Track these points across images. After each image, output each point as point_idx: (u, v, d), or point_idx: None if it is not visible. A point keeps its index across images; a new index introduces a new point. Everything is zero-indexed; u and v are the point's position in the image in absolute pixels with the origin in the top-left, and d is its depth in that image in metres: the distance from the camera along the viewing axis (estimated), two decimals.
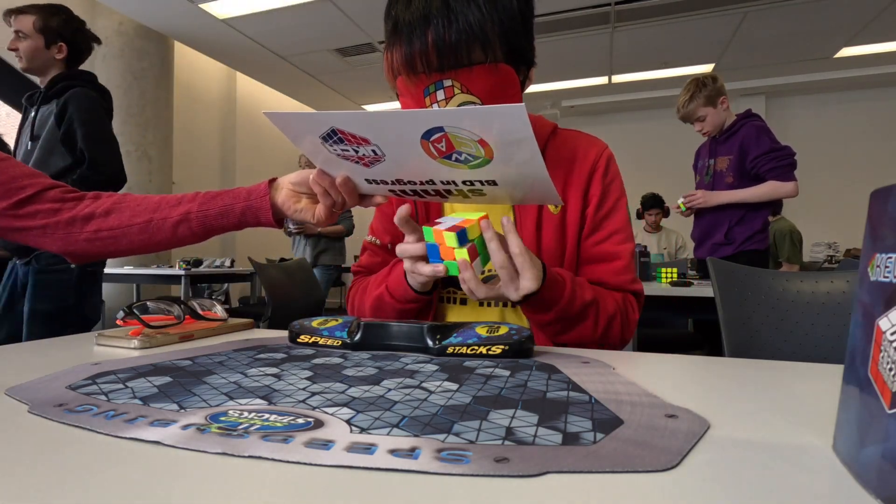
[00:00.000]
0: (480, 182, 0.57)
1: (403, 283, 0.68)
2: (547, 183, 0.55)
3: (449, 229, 0.56)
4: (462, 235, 0.56)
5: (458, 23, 0.60)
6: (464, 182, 0.57)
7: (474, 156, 0.52)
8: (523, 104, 0.44)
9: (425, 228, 0.57)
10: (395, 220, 0.60)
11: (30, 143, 1.63)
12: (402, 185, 0.61)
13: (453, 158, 0.53)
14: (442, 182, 0.58)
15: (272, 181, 0.68)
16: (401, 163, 0.56)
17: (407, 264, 0.62)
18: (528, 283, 0.57)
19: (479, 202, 0.63)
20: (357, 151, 0.55)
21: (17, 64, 1.67)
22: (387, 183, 0.61)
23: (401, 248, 0.61)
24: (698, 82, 2.02)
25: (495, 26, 0.61)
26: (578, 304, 0.64)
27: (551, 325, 0.65)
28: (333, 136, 0.54)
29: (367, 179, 0.61)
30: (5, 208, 0.65)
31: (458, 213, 0.61)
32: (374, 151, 0.54)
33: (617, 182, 0.75)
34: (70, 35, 1.64)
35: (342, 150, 0.56)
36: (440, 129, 0.49)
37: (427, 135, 0.50)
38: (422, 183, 0.59)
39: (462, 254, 0.56)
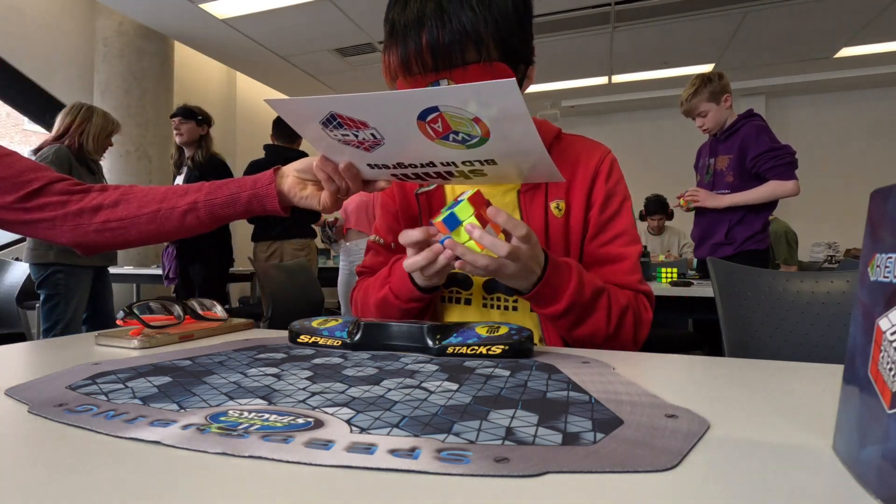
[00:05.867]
0: (480, 162, 0.57)
1: (407, 282, 0.68)
2: (546, 159, 0.55)
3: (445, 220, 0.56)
4: (453, 219, 0.56)
5: (452, 24, 0.61)
6: (464, 162, 0.58)
7: (471, 135, 0.52)
8: (514, 79, 0.45)
9: (446, 219, 0.57)
10: (403, 241, 0.60)
11: None
12: (404, 169, 0.61)
13: (451, 139, 0.53)
14: (442, 164, 0.59)
15: (277, 169, 0.69)
16: (400, 145, 0.56)
17: (417, 275, 0.63)
18: (521, 229, 0.56)
19: (481, 182, 0.64)
20: (357, 136, 0.56)
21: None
22: (388, 167, 0.61)
23: (409, 263, 0.60)
24: (704, 78, 2.02)
25: (489, 26, 0.62)
26: (589, 288, 0.63)
27: (565, 316, 0.64)
28: (333, 122, 0.54)
29: (369, 164, 0.62)
30: (13, 202, 0.66)
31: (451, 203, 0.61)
32: (373, 135, 0.55)
33: (621, 185, 0.75)
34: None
35: (342, 135, 0.56)
36: (435, 108, 0.50)
37: (423, 115, 0.51)
38: (422, 165, 0.60)
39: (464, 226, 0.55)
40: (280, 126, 2.94)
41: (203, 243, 2.52)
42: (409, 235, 0.59)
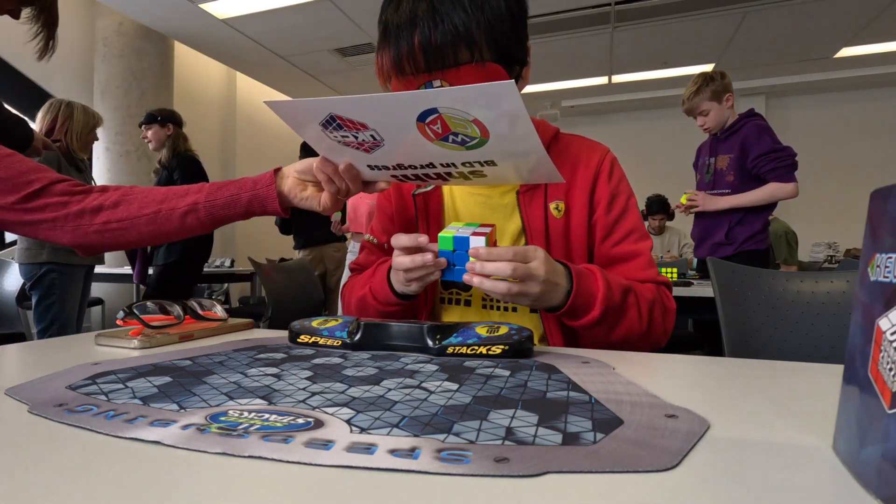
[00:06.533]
0: (479, 163, 0.58)
1: (386, 285, 0.68)
2: (545, 160, 0.55)
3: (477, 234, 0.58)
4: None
5: (444, 24, 0.61)
6: (463, 164, 0.58)
7: (470, 136, 0.53)
8: (513, 81, 0.45)
9: (456, 237, 0.58)
10: (394, 244, 0.61)
11: None
12: (404, 170, 0.61)
13: (450, 140, 0.54)
14: (442, 165, 0.59)
15: (277, 170, 0.69)
16: (399, 147, 0.56)
17: (396, 278, 0.64)
18: (537, 263, 0.58)
19: (481, 183, 0.64)
20: (357, 137, 0.56)
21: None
22: (388, 168, 0.61)
23: (396, 261, 0.62)
24: (706, 76, 2.02)
25: (481, 27, 0.62)
26: (617, 289, 0.63)
27: (601, 323, 0.63)
28: (332, 123, 0.55)
29: (369, 165, 0.62)
30: (14, 202, 0.66)
31: (466, 224, 0.62)
32: (372, 136, 0.55)
33: (624, 183, 0.75)
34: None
35: (342, 136, 0.57)
36: (434, 110, 0.50)
37: (422, 117, 0.51)
38: (422, 166, 0.60)
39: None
40: (307, 149, 3.06)
41: (164, 249, 2.46)
42: (399, 240, 0.60)
